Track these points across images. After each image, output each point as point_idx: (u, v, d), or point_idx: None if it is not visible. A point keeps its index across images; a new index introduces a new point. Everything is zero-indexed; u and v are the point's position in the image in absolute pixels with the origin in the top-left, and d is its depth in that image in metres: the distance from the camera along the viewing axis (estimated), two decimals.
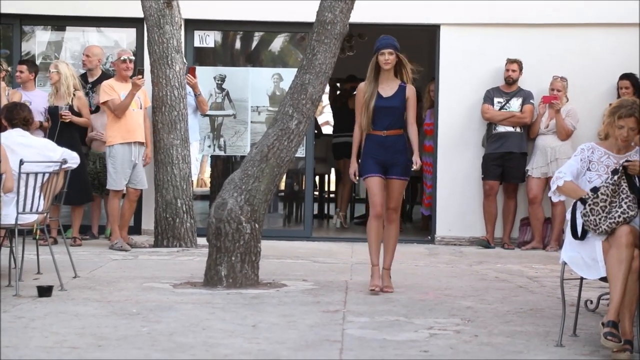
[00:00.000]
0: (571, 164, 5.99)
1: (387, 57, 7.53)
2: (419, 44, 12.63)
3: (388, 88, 7.58)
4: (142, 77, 10.11)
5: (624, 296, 5.51)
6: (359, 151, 7.69)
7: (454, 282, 8.27)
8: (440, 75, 11.42)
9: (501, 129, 11.01)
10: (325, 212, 14.81)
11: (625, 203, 5.65)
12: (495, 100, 11.07)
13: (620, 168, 5.72)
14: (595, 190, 5.74)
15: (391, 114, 7.54)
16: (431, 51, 12.10)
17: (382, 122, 7.54)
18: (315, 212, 13.79)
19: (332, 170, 14.96)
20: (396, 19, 11.39)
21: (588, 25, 11.33)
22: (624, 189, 5.69)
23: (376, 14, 11.26)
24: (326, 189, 14.99)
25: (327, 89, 13.50)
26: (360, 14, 8.83)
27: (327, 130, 21.97)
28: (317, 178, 14.10)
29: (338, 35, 7.80)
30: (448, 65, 11.42)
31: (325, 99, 20.23)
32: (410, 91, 7.60)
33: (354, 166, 7.66)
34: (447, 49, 11.46)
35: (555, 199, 6.07)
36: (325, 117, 23.48)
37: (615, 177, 5.69)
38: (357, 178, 7.68)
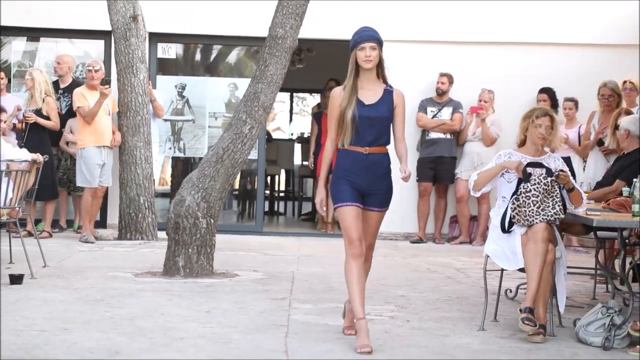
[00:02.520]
0: (486, 167, 6.06)
1: (368, 53, 5.39)
2: None
3: (370, 93, 5.45)
4: (109, 87, 10.07)
5: (539, 286, 5.58)
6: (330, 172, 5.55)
7: (390, 273, 8.30)
8: None
9: (433, 135, 11.08)
10: (275, 209, 14.78)
11: (558, 205, 5.73)
12: (429, 109, 11.14)
13: (555, 174, 5.78)
14: (527, 177, 5.77)
15: (376, 126, 5.38)
16: None
17: (364, 136, 5.36)
18: (266, 209, 13.77)
19: (282, 171, 14.96)
20: (341, 35, 11.36)
21: (512, 43, 11.45)
22: (558, 193, 5.77)
23: (323, 30, 11.27)
24: (276, 188, 14.96)
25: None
26: (308, 30, 8.81)
27: (278, 135, 22.01)
28: (268, 178, 14.08)
29: (288, 49, 7.79)
30: (388, 77, 11.42)
31: (278, 106, 20.24)
32: (399, 96, 5.50)
33: (321, 193, 5.42)
34: (386, 63, 11.46)
35: (478, 195, 6.14)
36: (277, 124, 23.48)
37: (549, 180, 5.75)
38: (325, 209, 5.51)
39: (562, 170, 5.83)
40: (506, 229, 5.81)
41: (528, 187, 5.74)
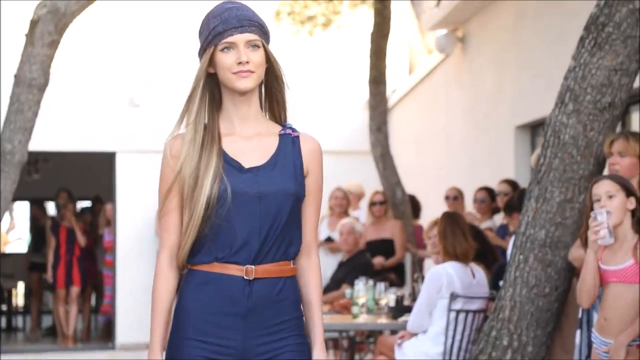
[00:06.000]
0: None
1: (244, 57, 2.61)
2: (101, 169, 12.65)
3: (251, 144, 2.72)
4: None
5: None
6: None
7: None
8: (117, 197, 11.42)
9: None
10: (13, 325, 14.13)
11: None
12: None
13: None
14: None
15: (269, 216, 2.62)
16: (111, 175, 12.09)
17: (243, 241, 2.59)
18: (4, 325, 13.15)
19: (20, 284, 14.41)
20: (77, 147, 11.35)
21: None
22: None
23: (59, 142, 11.16)
24: (14, 303, 14.34)
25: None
26: (43, 143, 8.74)
27: (18, 248, 21.16)
28: (5, 293, 13.51)
29: (17, 163, 7.61)
30: (124, 187, 11.47)
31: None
32: (312, 150, 2.90)
33: None
34: (123, 173, 11.52)
35: None
36: (18, 234, 22.59)
37: None
38: None
39: None
40: None
41: None
